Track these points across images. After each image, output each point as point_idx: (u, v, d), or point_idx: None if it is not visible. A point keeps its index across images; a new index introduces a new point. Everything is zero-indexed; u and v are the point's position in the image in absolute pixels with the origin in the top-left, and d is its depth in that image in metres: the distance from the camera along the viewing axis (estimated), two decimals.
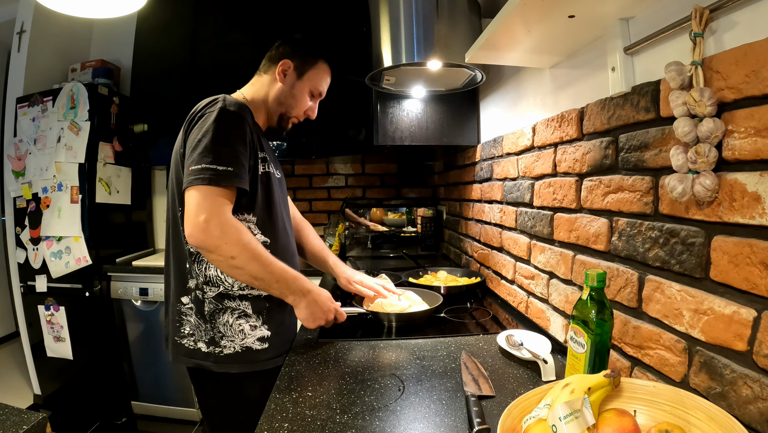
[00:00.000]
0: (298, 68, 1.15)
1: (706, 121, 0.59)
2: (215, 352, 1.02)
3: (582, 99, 0.98)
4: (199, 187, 0.91)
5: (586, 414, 0.55)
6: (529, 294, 1.26)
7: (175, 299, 1.07)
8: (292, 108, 1.17)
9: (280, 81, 1.14)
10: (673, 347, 0.70)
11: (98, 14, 1.07)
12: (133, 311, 2.25)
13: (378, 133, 1.72)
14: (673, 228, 0.70)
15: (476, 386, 0.84)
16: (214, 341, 1.02)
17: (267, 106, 1.16)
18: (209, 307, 1.03)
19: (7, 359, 2.99)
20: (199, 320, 1.03)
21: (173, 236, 1.11)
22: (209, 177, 0.91)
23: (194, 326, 1.04)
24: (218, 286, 1.03)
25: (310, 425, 0.72)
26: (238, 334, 1.03)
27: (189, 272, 1.04)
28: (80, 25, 2.58)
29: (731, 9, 0.58)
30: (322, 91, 1.21)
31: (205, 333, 1.03)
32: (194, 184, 0.91)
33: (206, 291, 1.03)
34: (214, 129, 0.94)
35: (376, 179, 2.81)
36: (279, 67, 1.13)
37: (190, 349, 1.04)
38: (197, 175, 0.91)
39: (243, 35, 2.33)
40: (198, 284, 1.03)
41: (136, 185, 2.54)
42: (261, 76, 1.17)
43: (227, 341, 1.02)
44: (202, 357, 1.03)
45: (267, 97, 1.15)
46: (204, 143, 0.93)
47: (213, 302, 1.03)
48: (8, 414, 0.75)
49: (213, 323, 1.03)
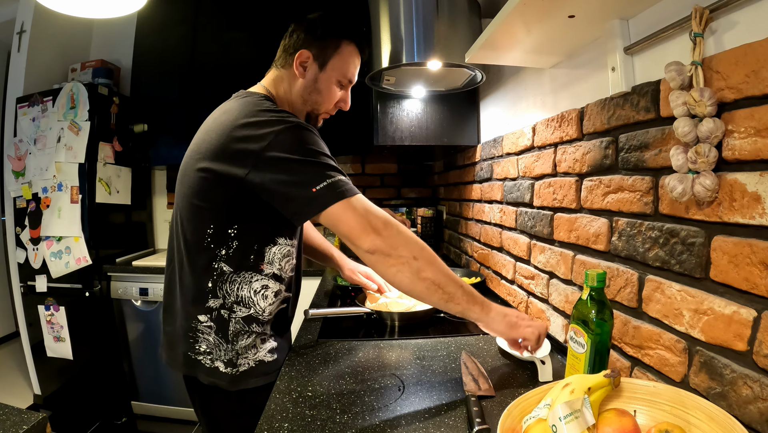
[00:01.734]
0: (318, 58, 1.00)
1: (706, 121, 0.59)
2: (232, 372, 0.97)
3: (582, 99, 0.98)
4: (348, 200, 0.83)
5: (586, 414, 0.55)
6: (529, 294, 1.26)
7: (190, 315, 0.98)
8: (320, 104, 1.03)
9: (300, 76, 1.00)
10: (673, 347, 0.70)
11: (98, 14, 1.07)
12: (133, 311, 2.25)
13: (378, 133, 1.72)
14: (673, 228, 0.70)
15: (476, 386, 0.84)
16: (232, 362, 0.97)
17: (292, 105, 1.03)
18: (235, 327, 0.96)
19: (7, 359, 2.99)
20: (219, 340, 0.96)
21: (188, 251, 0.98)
22: (344, 188, 0.84)
23: (213, 345, 0.97)
24: (249, 308, 0.96)
25: (310, 425, 0.72)
26: (251, 351, 0.98)
27: (213, 290, 0.95)
28: (80, 25, 2.58)
29: (731, 9, 0.58)
30: (352, 77, 1.05)
31: (225, 353, 0.96)
32: (337, 199, 0.82)
33: (236, 311, 0.95)
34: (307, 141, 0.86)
35: (376, 179, 2.81)
36: (297, 60, 0.99)
37: (207, 367, 0.97)
38: (331, 190, 0.83)
39: (243, 35, 2.33)
40: (226, 303, 0.95)
41: (136, 185, 2.54)
42: (278, 71, 1.03)
43: (242, 359, 0.98)
44: (219, 376, 0.97)
45: (290, 95, 1.03)
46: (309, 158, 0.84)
47: (240, 323, 0.96)
48: (8, 414, 0.75)
49: (234, 344, 0.96)
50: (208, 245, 0.94)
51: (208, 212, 0.93)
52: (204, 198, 0.92)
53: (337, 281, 1.68)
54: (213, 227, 0.93)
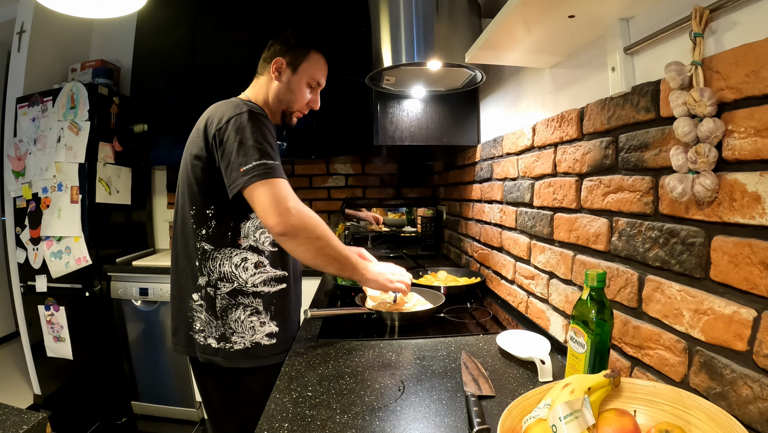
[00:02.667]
0: (291, 63, 1.16)
1: (706, 121, 0.59)
2: (225, 348, 1.05)
3: (582, 99, 0.98)
4: (266, 181, 0.95)
5: (586, 414, 0.55)
6: (529, 294, 1.26)
7: (186, 295, 1.10)
8: (293, 102, 1.19)
9: (275, 79, 1.16)
10: (673, 347, 0.70)
11: (98, 14, 1.07)
12: (133, 311, 2.25)
13: (378, 133, 1.72)
14: (673, 228, 0.70)
15: (476, 386, 0.84)
16: (224, 337, 1.05)
17: (269, 106, 1.18)
18: (221, 303, 1.06)
19: (7, 359, 2.99)
20: (210, 317, 1.06)
21: (182, 235, 1.12)
22: (268, 171, 0.96)
23: (204, 323, 1.07)
24: (232, 282, 1.06)
25: (310, 425, 0.72)
26: (248, 330, 1.06)
27: (199, 269, 1.07)
28: (80, 25, 2.58)
29: (731, 9, 0.58)
30: (320, 81, 1.22)
31: (216, 329, 1.06)
32: (257, 180, 0.95)
33: (220, 287, 1.06)
34: (251, 129, 0.99)
35: (376, 179, 2.81)
36: (273, 66, 1.15)
37: (201, 344, 1.07)
38: (255, 171, 0.95)
39: (243, 35, 2.33)
40: (210, 280, 1.06)
41: (136, 185, 2.54)
42: (258, 78, 1.20)
43: (238, 337, 1.06)
44: (212, 353, 1.06)
45: (267, 98, 1.18)
46: (248, 143, 0.97)
47: (226, 298, 1.06)
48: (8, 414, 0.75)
49: (224, 319, 1.06)
50: (191, 226, 1.07)
51: (191, 195, 1.07)
52: (189, 182, 1.07)
53: (337, 281, 1.68)
54: (194, 209, 1.06)
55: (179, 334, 1.12)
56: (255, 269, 1.08)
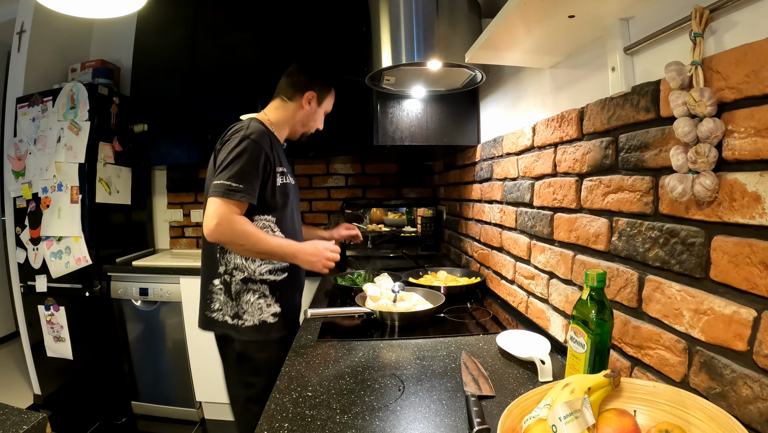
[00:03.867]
0: (319, 98, 1.43)
1: (706, 121, 0.59)
2: (238, 324, 1.29)
3: (582, 99, 0.98)
4: (216, 199, 1.18)
5: (586, 414, 0.55)
6: (529, 294, 1.26)
7: (208, 280, 1.35)
8: (312, 127, 1.48)
9: (305, 108, 1.41)
10: (673, 347, 0.70)
11: (98, 14, 1.07)
12: (133, 311, 2.25)
13: (378, 133, 1.72)
14: (673, 228, 0.70)
15: (476, 386, 0.84)
16: (237, 315, 1.30)
17: (292, 127, 1.43)
18: (235, 288, 1.30)
19: (7, 359, 2.99)
20: (227, 298, 1.31)
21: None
22: (224, 191, 1.18)
23: (222, 303, 1.32)
24: (243, 271, 1.30)
25: (310, 425, 0.72)
26: (257, 310, 1.30)
27: (219, 260, 1.32)
28: (80, 25, 2.58)
29: (731, 9, 0.58)
30: (329, 110, 1.52)
31: (231, 309, 1.30)
32: (213, 195, 1.18)
33: (234, 275, 1.30)
34: (235, 154, 1.21)
35: (376, 179, 2.81)
36: (305, 97, 1.40)
37: (218, 321, 1.32)
38: (216, 189, 1.18)
39: (243, 35, 2.33)
40: (227, 269, 1.31)
41: (136, 185, 2.54)
42: (286, 102, 1.41)
43: (248, 316, 1.29)
44: (228, 328, 1.30)
45: (292, 120, 1.42)
46: (225, 164, 1.21)
47: (239, 283, 1.30)
48: (8, 414, 0.75)
49: (237, 301, 1.30)
50: None
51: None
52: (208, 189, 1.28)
53: (337, 281, 1.68)
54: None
55: (201, 313, 1.37)
56: (261, 261, 1.30)
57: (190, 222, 2.83)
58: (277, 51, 2.29)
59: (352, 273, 1.76)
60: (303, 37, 2.31)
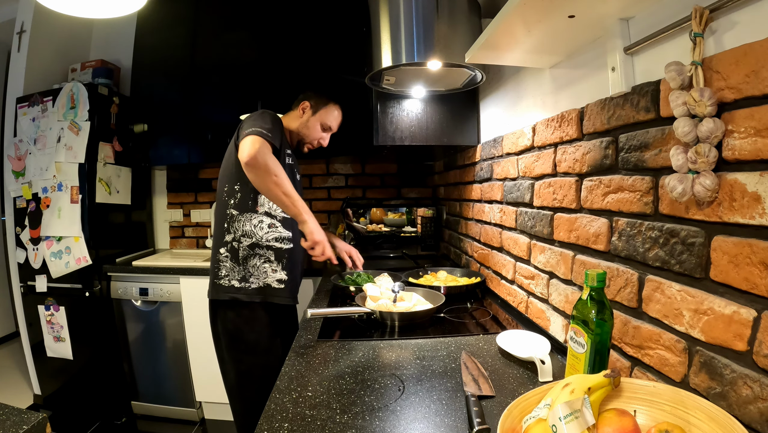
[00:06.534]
0: (313, 107, 1.60)
1: (706, 121, 0.59)
2: (245, 287, 1.42)
3: (582, 99, 0.98)
4: (252, 136, 1.31)
5: (586, 414, 0.55)
6: (529, 294, 1.26)
7: (216, 250, 1.48)
8: (307, 136, 1.61)
9: (301, 117, 1.59)
10: (673, 347, 0.70)
11: (98, 14, 1.07)
12: (133, 311, 2.25)
13: (378, 133, 1.72)
14: (673, 228, 0.70)
15: (476, 386, 0.84)
16: (244, 278, 1.43)
17: (291, 131, 1.60)
18: (243, 253, 1.43)
19: (7, 359, 2.99)
20: (234, 264, 1.44)
21: (217, 208, 1.51)
22: (258, 132, 1.32)
23: (229, 269, 1.44)
24: (251, 237, 1.44)
25: (310, 425, 0.72)
26: (262, 274, 1.44)
27: (227, 229, 1.45)
28: (80, 25, 2.58)
29: (731, 9, 0.58)
30: (331, 126, 1.64)
31: (238, 273, 1.43)
32: (249, 135, 1.31)
33: (242, 241, 1.43)
34: (259, 114, 1.41)
35: (376, 179, 2.81)
36: (300, 106, 1.59)
37: (225, 286, 1.43)
38: (250, 131, 1.32)
39: (243, 35, 2.33)
40: (236, 237, 1.44)
41: (136, 185, 2.54)
42: (292, 111, 1.62)
43: (254, 279, 1.43)
44: (235, 291, 1.42)
45: (291, 127, 1.59)
46: (253, 120, 1.37)
47: (247, 249, 1.43)
48: (8, 414, 0.75)
49: (245, 265, 1.43)
50: (224, 198, 1.47)
51: (227, 176, 1.48)
52: (227, 165, 1.49)
53: (337, 281, 1.68)
54: (227, 186, 1.47)
55: (210, 282, 1.48)
56: (268, 228, 1.45)
57: (190, 222, 2.83)
58: (277, 51, 2.29)
59: (351, 273, 1.76)
60: (303, 37, 2.31)
